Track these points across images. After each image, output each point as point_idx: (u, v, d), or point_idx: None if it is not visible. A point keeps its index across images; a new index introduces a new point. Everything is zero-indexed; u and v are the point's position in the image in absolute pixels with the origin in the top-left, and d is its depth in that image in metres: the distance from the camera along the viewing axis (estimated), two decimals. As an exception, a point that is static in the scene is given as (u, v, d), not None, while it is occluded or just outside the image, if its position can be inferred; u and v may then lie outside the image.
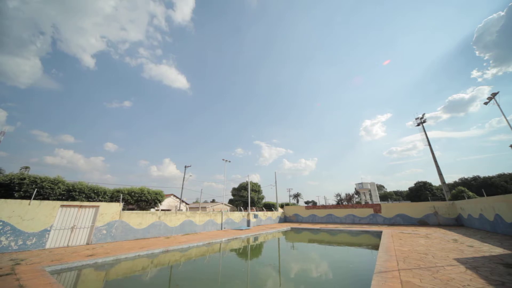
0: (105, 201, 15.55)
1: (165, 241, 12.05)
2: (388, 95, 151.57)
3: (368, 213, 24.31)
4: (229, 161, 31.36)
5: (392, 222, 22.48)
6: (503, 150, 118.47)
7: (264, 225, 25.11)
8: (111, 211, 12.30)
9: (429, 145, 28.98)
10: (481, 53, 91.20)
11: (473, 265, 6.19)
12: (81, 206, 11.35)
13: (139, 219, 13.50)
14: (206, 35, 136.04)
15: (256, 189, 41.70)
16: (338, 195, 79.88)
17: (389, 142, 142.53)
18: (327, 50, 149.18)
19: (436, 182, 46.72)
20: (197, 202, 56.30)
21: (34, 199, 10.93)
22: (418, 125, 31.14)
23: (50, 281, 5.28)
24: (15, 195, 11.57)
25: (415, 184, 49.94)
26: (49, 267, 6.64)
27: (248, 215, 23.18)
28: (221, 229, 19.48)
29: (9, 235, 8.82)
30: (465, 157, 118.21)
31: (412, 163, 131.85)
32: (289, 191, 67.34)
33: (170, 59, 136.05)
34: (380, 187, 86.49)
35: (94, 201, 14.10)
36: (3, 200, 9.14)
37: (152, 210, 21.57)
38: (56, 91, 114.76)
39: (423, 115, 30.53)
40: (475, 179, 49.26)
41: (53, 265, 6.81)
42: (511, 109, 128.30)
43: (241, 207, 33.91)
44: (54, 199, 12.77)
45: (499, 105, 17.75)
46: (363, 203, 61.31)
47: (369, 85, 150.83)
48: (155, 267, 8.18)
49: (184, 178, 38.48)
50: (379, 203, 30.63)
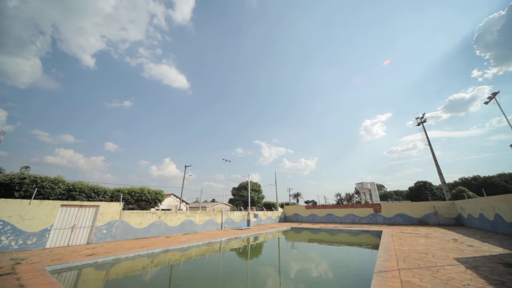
0: (105, 200, 15.58)
1: (165, 241, 12.06)
2: (388, 95, 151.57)
3: (368, 212, 24.32)
4: (229, 161, 31.43)
5: (392, 221, 22.49)
6: (503, 149, 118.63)
7: (264, 224, 25.13)
8: (111, 210, 12.31)
9: (429, 144, 28.98)
10: (482, 53, 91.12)
11: (473, 264, 6.20)
12: (81, 205, 11.36)
13: (139, 219, 13.51)
14: (206, 34, 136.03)
15: (256, 188, 41.73)
16: (338, 194, 79.91)
17: (389, 141, 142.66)
18: (327, 50, 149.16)
19: (436, 181, 46.80)
20: (197, 201, 56.37)
21: (34, 198, 10.93)
22: (418, 124, 31.13)
23: (50, 280, 5.28)
24: (16, 194, 11.60)
25: (415, 183, 49.94)
26: (49, 266, 6.65)
27: (248, 214, 23.19)
28: (221, 228, 19.50)
29: (9, 235, 8.84)
30: (465, 157, 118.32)
31: (412, 163, 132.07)
32: (289, 190, 67.46)
33: (170, 58, 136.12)
34: (380, 187, 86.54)
35: (94, 201, 14.11)
36: (3, 199, 9.15)
37: (152, 209, 21.62)
38: (56, 91, 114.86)
39: (423, 114, 30.52)
40: (475, 178, 49.25)
41: (53, 265, 6.82)
42: (511, 109, 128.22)
43: (241, 207, 33.94)
44: (54, 199, 12.80)
45: (499, 105, 17.76)
46: (363, 202, 61.32)
47: (369, 85, 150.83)
48: (155, 266, 8.19)
49: (184, 177, 38.53)
50: (379, 202, 30.65)
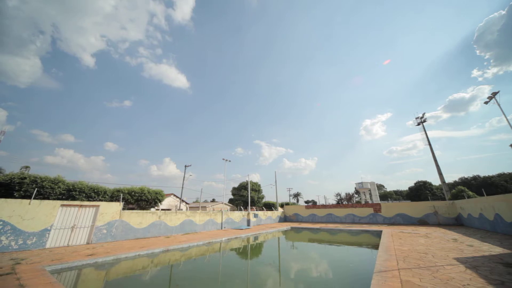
0: (105, 200, 15.58)
1: (165, 241, 12.06)
2: (388, 94, 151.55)
3: (368, 212, 24.33)
4: (229, 161, 31.41)
5: (392, 221, 22.50)
6: (503, 149, 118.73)
7: (264, 224, 25.14)
8: (111, 210, 12.31)
9: (429, 144, 28.99)
10: (482, 52, 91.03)
11: (473, 264, 6.20)
12: (81, 205, 11.36)
13: (139, 219, 13.51)
14: (206, 34, 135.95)
15: (256, 188, 41.74)
16: (338, 194, 79.89)
17: (389, 141, 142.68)
18: (327, 50, 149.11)
19: (436, 181, 46.80)
20: (197, 201, 56.36)
21: (34, 198, 10.93)
22: (418, 124, 31.14)
23: (50, 280, 5.28)
24: (15, 194, 11.60)
25: (415, 183, 49.94)
26: (49, 266, 6.65)
27: (248, 214, 23.20)
28: (221, 228, 19.50)
29: (9, 235, 8.84)
30: (465, 157, 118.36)
31: (412, 163, 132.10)
32: (289, 190, 67.43)
33: (170, 58, 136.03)
34: (380, 187, 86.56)
35: (94, 201, 14.11)
36: (3, 199, 9.15)
37: (152, 209, 21.62)
38: (56, 90, 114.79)
39: (423, 114, 30.53)
40: (475, 178, 49.26)
41: (53, 265, 6.82)
42: (511, 109, 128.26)
43: (241, 207, 33.93)
44: (54, 199, 12.80)
45: (499, 105, 17.76)
46: (363, 202, 61.34)
47: (369, 85, 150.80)
48: (155, 266, 8.19)
49: (184, 177, 38.53)
50: (379, 202, 30.67)
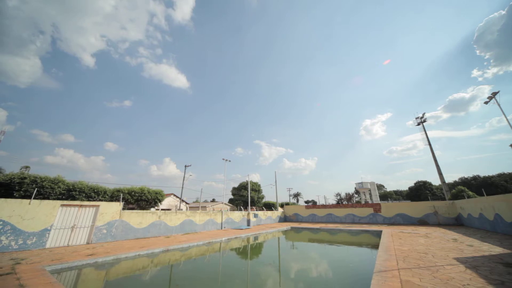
0: (105, 200, 15.58)
1: (165, 241, 12.06)
2: (388, 94, 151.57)
3: (368, 212, 24.33)
4: (229, 161, 31.40)
5: (392, 221, 22.50)
6: (503, 149, 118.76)
7: (264, 224, 25.14)
8: (111, 210, 12.31)
9: (429, 144, 29.00)
10: (482, 52, 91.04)
11: (473, 264, 6.20)
12: (81, 205, 11.36)
13: (139, 219, 13.51)
14: (206, 34, 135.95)
15: (256, 188, 41.74)
16: (338, 194, 79.90)
17: (389, 141, 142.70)
18: (327, 50, 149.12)
19: (436, 181, 46.80)
20: (197, 201, 56.37)
21: (34, 198, 10.93)
22: (418, 124, 31.15)
23: (50, 280, 5.28)
24: (15, 194, 11.59)
25: (415, 183, 49.95)
26: (49, 266, 6.65)
27: (248, 214, 23.20)
28: (221, 228, 19.50)
29: (9, 235, 8.84)
30: (465, 157, 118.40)
31: (412, 163, 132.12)
32: (289, 190, 67.44)
33: (170, 58, 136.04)
34: (380, 187, 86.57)
35: (94, 201, 14.11)
36: (3, 199, 9.15)
37: (152, 209, 21.62)
38: (56, 90, 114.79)
39: (423, 114, 30.54)
40: (475, 178, 49.26)
41: (53, 265, 6.82)
42: (511, 109, 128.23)
43: (241, 207, 33.93)
44: (54, 199, 12.80)
45: (499, 105, 17.76)
46: (363, 202, 61.34)
47: (369, 85, 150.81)
48: (155, 266, 8.19)
49: (184, 177, 38.54)
50: (379, 202, 30.67)
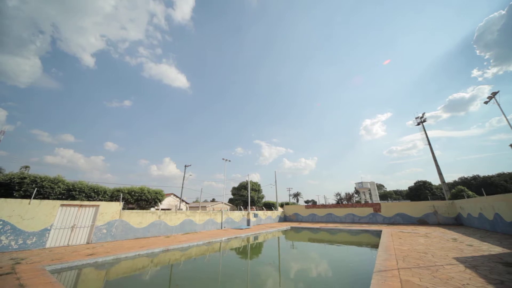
0: (105, 200, 15.57)
1: (165, 240, 12.07)
2: (388, 94, 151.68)
3: (367, 212, 24.34)
4: (229, 161, 31.36)
5: (391, 221, 22.51)
6: (503, 149, 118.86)
7: (264, 224, 25.15)
8: (111, 210, 12.31)
9: (429, 144, 29.01)
10: (482, 52, 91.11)
11: (473, 264, 6.21)
12: (81, 205, 11.36)
13: (139, 218, 13.51)
14: (206, 34, 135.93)
15: (256, 188, 41.74)
16: (338, 194, 79.95)
17: (389, 141, 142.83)
18: (327, 50, 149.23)
19: (436, 181, 46.83)
20: (197, 201, 56.39)
21: (34, 198, 10.93)
22: (418, 124, 31.17)
23: (50, 280, 5.29)
24: (15, 194, 11.58)
25: (415, 183, 49.98)
26: (49, 266, 6.66)
27: (248, 214, 23.21)
28: (221, 228, 19.51)
29: (9, 234, 8.84)
30: (465, 156, 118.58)
31: (412, 163, 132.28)
32: (289, 190, 67.40)
33: (170, 58, 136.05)
34: (380, 186, 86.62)
35: (94, 201, 14.11)
36: (3, 199, 9.14)
37: (152, 209, 21.61)
38: (56, 90, 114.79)
39: (423, 114, 30.55)
40: (475, 178, 49.30)
41: (53, 264, 6.82)
42: (511, 108, 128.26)
43: (241, 206, 33.93)
44: (54, 199, 12.79)
45: (499, 104, 17.77)
46: (363, 202, 61.40)
47: (369, 85, 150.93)
48: (155, 266, 8.19)
49: (184, 177, 38.54)
50: (379, 202, 30.67)
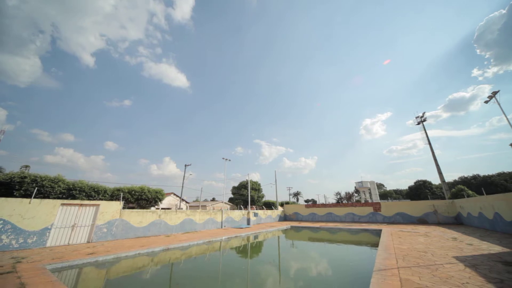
0: (106, 199, 15.58)
1: (166, 239, 12.09)
2: (388, 94, 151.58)
3: (367, 211, 24.36)
4: (229, 160, 31.36)
5: (391, 220, 22.53)
6: (503, 148, 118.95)
7: (264, 223, 25.18)
8: (112, 209, 12.33)
9: (429, 143, 29.00)
10: (482, 52, 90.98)
11: (472, 263, 6.22)
12: (81, 204, 11.38)
13: (139, 218, 13.53)
14: (206, 34, 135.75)
15: (256, 187, 41.75)
16: (338, 193, 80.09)
17: (389, 140, 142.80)
18: (327, 50, 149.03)
19: (436, 180, 46.81)
20: (197, 200, 56.45)
21: (34, 197, 10.94)
22: (418, 123, 31.15)
23: (51, 279, 5.30)
24: (16, 193, 11.59)
25: (415, 182, 50.01)
26: (50, 265, 6.68)
27: (248, 213, 23.24)
28: (221, 227, 19.54)
29: (10, 234, 8.86)
30: (465, 156, 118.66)
31: (412, 162, 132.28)
32: (289, 189, 67.42)
33: (170, 57, 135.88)
34: (380, 186, 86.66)
35: (94, 200, 14.12)
36: (3, 198, 9.16)
37: (152, 208, 21.62)
38: (56, 90, 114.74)
39: (423, 113, 30.51)
40: (475, 177, 49.30)
41: (54, 263, 6.84)
42: (511, 108, 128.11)
43: (241, 206, 33.96)
44: (54, 198, 12.80)
45: (499, 104, 17.74)
46: (363, 201, 61.44)
47: (369, 85, 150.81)
48: (156, 265, 8.21)
49: (184, 176, 38.56)
50: (379, 201, 30.70)
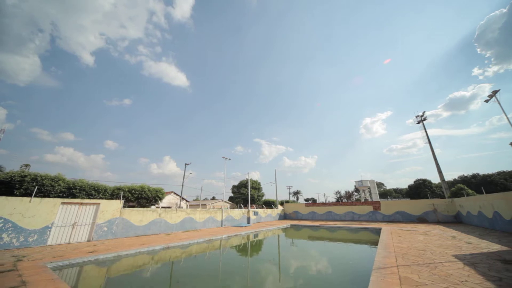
0: (106, 198, 15.59)
1: (166, 238, 12.12)
2: (388, 93, 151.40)
3: (367, 210, 24.42)
4: (229, 159, 31.35)
5: (391, 219, 22.59)
6: (503, 148, 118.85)
7: (264, 222, 25.23)
8: (112, 208, 12.36)
9: (429, 142, 29.00)
10: (483, 51, 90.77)
11: (471, 261, 6.24)
12: (81, 203, 11.40)
13: (139, 216, 13.57)
14: (206, 33, 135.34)
15: (256, 186, 41.80)
16: (337, 192, 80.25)
17: (389, 140, 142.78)
18: (327, 50, 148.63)
19: (435, 179, 46.90)
20: (197, 199, 56.54)
21: (35, 196, 10.97)
22: (418, 123, 31.12)
23: (52, 277, 5.33)
24: (16, 192, 11.59)
25: (415, 181, 50.10)
26: (50, 263, 6.71)
27: (248, 212, 23.29)
28: (221, 226, 19.59)
29: (10, 232, 8.89)
30: (465, 155, 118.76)
31: (412, 161, 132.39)
32: (289, 188, 67.60)
33: (169, 56, 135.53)
34: (379, 185, 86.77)
35: (94, 199, 14.14)
36: (4, 197, 9.18)
37: (152, 207, 21.64)
38: (55, 89, 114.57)
39: (424, 113, 30.48)
40: (475, 176, 49.35)
41: (54, 262, 6.87)
42: (511, 107, 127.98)
43: (241, 205, 34.02)
44: (54, 197, 12.81)
45: (499, 103, 17.72)
46: (363, 200, 61.53)
47: (369, 85, 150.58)
48: (156, 263, 8.24)
49: (184, 175, 38.62)
50: (379, 200, 30.76)
